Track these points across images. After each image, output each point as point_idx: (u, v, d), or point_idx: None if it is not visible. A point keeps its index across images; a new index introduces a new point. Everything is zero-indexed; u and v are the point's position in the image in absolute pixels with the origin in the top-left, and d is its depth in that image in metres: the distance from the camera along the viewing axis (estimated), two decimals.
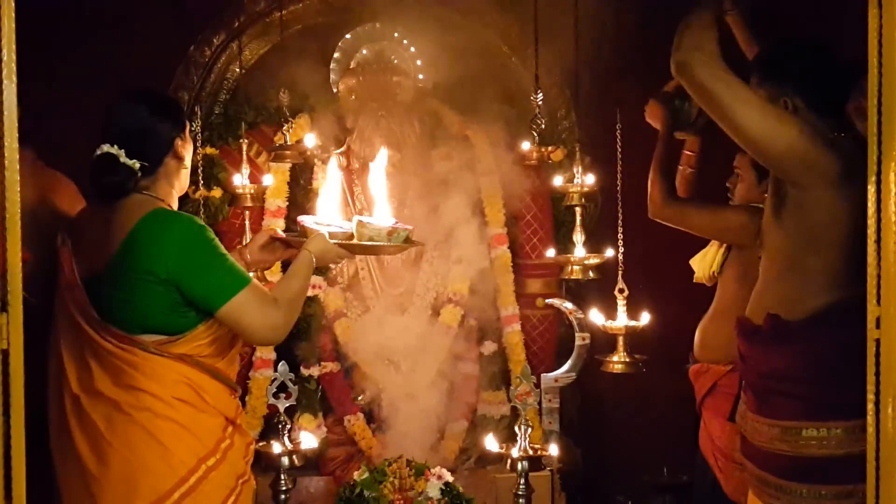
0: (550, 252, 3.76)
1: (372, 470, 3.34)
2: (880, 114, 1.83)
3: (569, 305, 3.92)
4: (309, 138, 3.71)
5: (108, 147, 2.23)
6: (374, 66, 4.04)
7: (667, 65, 2.27)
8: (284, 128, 3.52)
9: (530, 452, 3.25)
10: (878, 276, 1.85)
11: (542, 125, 3.35)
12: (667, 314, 3.48)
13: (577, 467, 4.02)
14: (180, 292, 2.16)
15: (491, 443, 3.42)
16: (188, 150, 2.38)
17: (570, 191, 3.40)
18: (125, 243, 2.17)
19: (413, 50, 4.11)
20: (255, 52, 4.16)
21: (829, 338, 2.22)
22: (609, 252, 3.37)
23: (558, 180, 3.48)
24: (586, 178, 3.39)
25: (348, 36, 4.11)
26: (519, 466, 3.23)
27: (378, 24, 4.11)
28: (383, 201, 2.62)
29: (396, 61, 4.08)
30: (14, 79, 1.75)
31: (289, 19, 4.05)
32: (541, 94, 3.29)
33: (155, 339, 2.18)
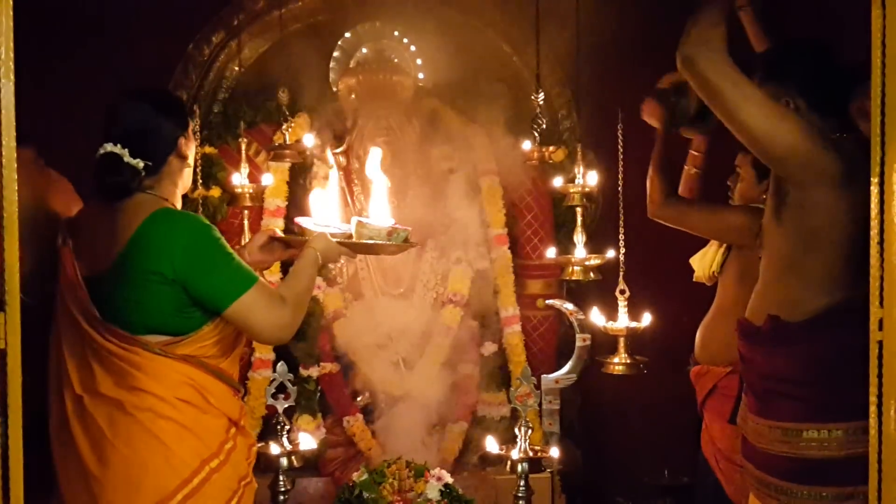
0: (551, 252, 3.75)
1: (371, 471, 3.32)
2: (883, 114, 1.82)
3: (569, 306, 3.91)
4: (308, 138, 3.70)
5: (111, 146, 2.20)
6: (374, 65, 4.02)
7: (669, 65, 2.26)
8: (283, 127, 3.51)
9: (530, 454, 3.24)
10: (881, 277, 1.84)
11: (543, 125, 3.33)
12: (668, 315, 3.47)
13: (577, 469, 4.01)
14: (187, 292, 2.15)
15: (491, 444, 3.40)
16: (192, 148, 2.36)
17: (571, 191, 3.39)
18: (130, 243, 2.15)
19: (413, 49, 4.09)
20: (255, 50, 4.16)
21: (830, 339, 2.22)
22: (610, 253, 3.36)
23: (559, 180, 3.47)
24: (587, 178, 3.38)
25: (348, 35, 4.09)
26: (519, 468, 3.22)
27: (378, 23, 4.09)
28: (379, 200, 2.60)
29: (396, 60, 4.07)
30: (12, 77, 1.74)
31: (288, 18, 4.05)
32: (542, 94, 3.28)
33: (159, 339, 2.17)
